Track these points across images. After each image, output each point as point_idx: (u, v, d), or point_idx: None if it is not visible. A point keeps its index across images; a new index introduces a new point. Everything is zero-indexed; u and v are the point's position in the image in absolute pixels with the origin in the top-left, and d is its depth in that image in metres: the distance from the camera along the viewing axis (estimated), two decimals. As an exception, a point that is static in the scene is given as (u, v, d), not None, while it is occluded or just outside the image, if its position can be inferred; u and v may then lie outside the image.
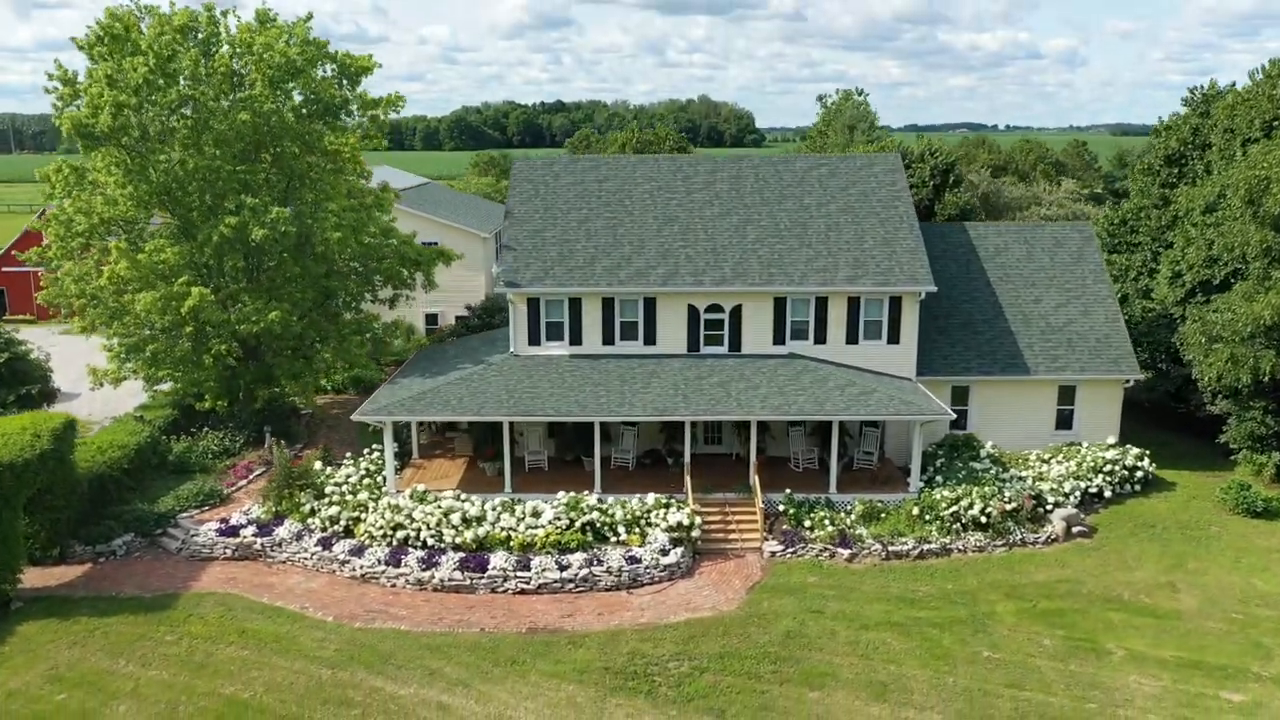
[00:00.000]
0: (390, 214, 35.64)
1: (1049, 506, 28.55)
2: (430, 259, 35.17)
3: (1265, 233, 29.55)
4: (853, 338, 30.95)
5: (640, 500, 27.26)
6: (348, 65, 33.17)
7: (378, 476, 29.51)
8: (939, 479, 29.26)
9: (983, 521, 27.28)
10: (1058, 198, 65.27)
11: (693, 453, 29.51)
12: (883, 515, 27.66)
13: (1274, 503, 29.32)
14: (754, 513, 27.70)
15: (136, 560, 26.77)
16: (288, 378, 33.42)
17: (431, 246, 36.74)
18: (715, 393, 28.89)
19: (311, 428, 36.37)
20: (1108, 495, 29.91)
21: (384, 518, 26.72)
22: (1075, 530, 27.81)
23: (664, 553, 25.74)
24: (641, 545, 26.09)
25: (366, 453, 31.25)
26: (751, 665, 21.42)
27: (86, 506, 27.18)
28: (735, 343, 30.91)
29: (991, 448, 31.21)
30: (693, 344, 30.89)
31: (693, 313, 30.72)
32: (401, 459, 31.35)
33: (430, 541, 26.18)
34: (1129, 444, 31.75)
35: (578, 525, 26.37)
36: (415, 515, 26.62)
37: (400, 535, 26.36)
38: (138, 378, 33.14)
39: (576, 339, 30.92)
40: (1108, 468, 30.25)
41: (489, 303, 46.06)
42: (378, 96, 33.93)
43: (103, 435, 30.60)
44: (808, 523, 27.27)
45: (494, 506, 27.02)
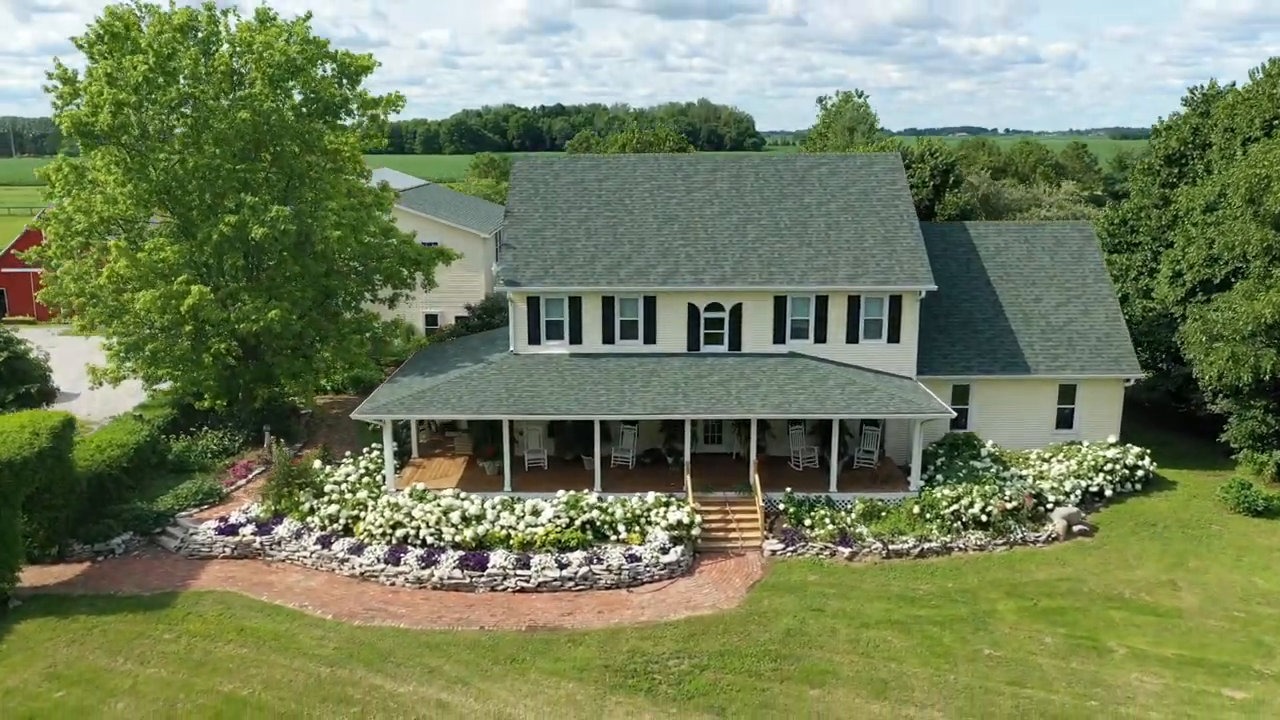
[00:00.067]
0: (390, 213, 35.63)
1: (1050, 505, 28.50)
2: (430, 258, 35.14)
3: (1266, 231, 29.55)
4: (853, 337, 30.91)
5: (640, 499, 27.21)
6: (347, 64, 33.19)
7: (377, 475, 29.46)
8: (939, 478, 29.21)
9: (983, 520, 27.23)
10: (1058, 199, 65.31)
11: (693, 452, 29.45)
12: (883, 514, 27.60)
13: (1275, 501, 29.25)
14: (754, 511, 27.65)
15: (135, 559, 26.72)
16: (287, 377, 33.40)
17: (431, 246, 36.72)
18: (715, 391, 28.84)
19: (311, 427, 36.33)
20: (1108, 494, 29.87)
21: (383, 516, 26.66)
22: (1076, 529, 27.76)
23: (664, 551, 25.68)
24: (641, 544, 26.03)
25: (366, 452, 31.19)
26: (752, 663, 21.35)
27: (85, 505, 27.12)
28: (735, 342, 30.87)
29: (992, 446, 31.15)
30: (693, 343, 30.84)
31: (693, 311, 30.68)
32: (401, 458, 31.30)
33: (429, 540, 26.12)
34: (1130, 443, 31.70)
35: (578, 524, 26.30)
36: (415, 514, 26.56)
37: (399, 534, 26.30)
38: (137, 377, 33.10)
39: (576, 338, 30.88)
40: (1108, 467, 30.20)
41: (489, 303, 46.03)
42: (377, 96, 33.99)
43: (102, 434, 30.56)
44: (808, 521, 27.21)
45: (493, 505, 26.96)
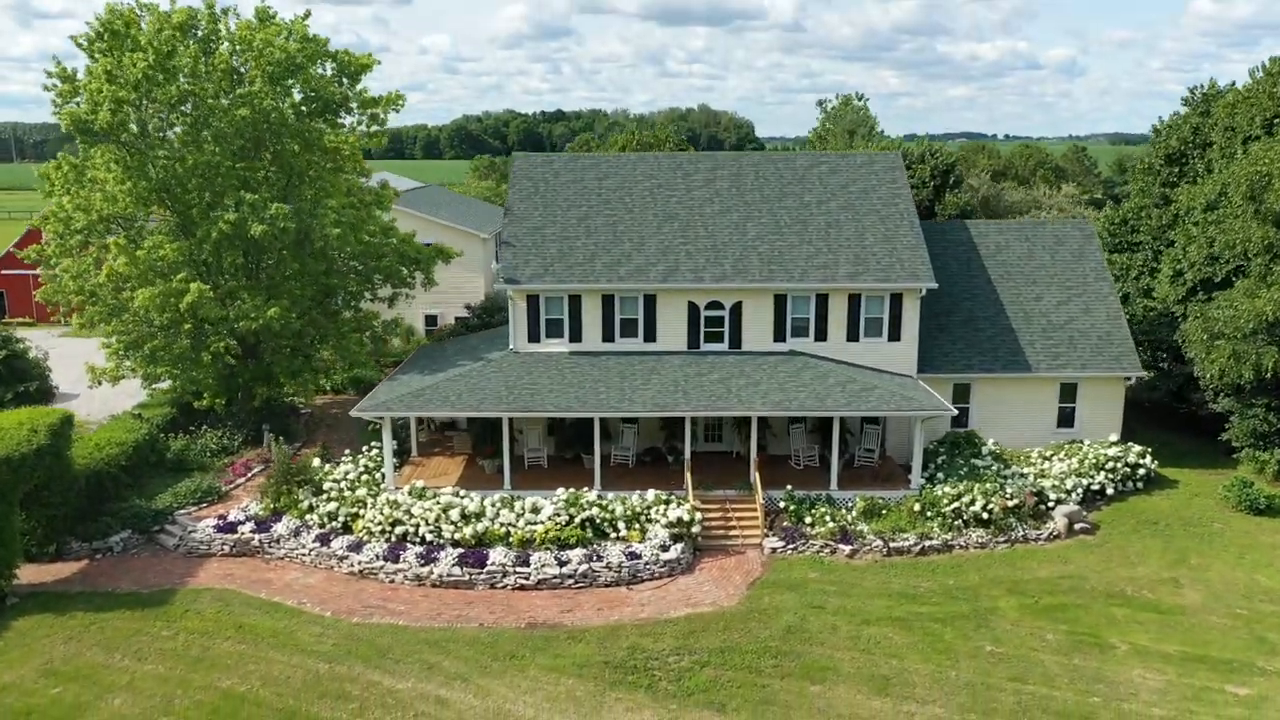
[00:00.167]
0: (390, 212, 35.58)
1: (1051, 503, 28.41)
2: (430, 257, 35.07)
3: (1266, 229, 29.50)
4: (853, 335, 30.85)
5: (640, 496, 27.12)
6: (347, 63, 33.13)
7: (376, 473, 29.38)
8: (940, 476, 29.12)
9: (984, 518, 27.14)
10: (1058, 201, 65.24)
11: (693, 450, 29.37)
12: (884, 512, 27.51)
13: (1277, 500, 29.16)
14: (755, 509, 27.56)
15: (134, 557, 26.63)
16: (286, 376, 33.33)
17: (431, 246, 36.64)
18: (716, 389, 28.76)
19: (310, 427, 36.25)
20: (1110, 492, 29.79)
21: (382, 514, 26.57)
22: (1077, 526, 27.67)
23: (664, 549, 25.58)
24: (641, 541, 25.93)
25: (365, 450, 31.11)
26: (752, 659, 21.25)
27: (84, 503, 27.03)
28: (735, 340, 30.80)
29: (993, 445, 31.06)
30: (693, 341, 30.78)
31: (693, 310, 30.62)
32: (400, 457, 31.22)
33: (429, 537, 26.03)
34: (1131, 442, 31.62)
35: (577, 521, 26.21)
36: (414, 511, 26.47)
37: (399, 531, 26.21)
38: (136, 375, 33.01)
39: (576, 336, 30.81)
40: (1110, 465, 30.11)
41: (488, 303, 45.96)
42: (377, 95, 33.93)
43: (101, 432, 30.49)
44: (808, 519, 27.12)
45: (493, 503, 26.86)
